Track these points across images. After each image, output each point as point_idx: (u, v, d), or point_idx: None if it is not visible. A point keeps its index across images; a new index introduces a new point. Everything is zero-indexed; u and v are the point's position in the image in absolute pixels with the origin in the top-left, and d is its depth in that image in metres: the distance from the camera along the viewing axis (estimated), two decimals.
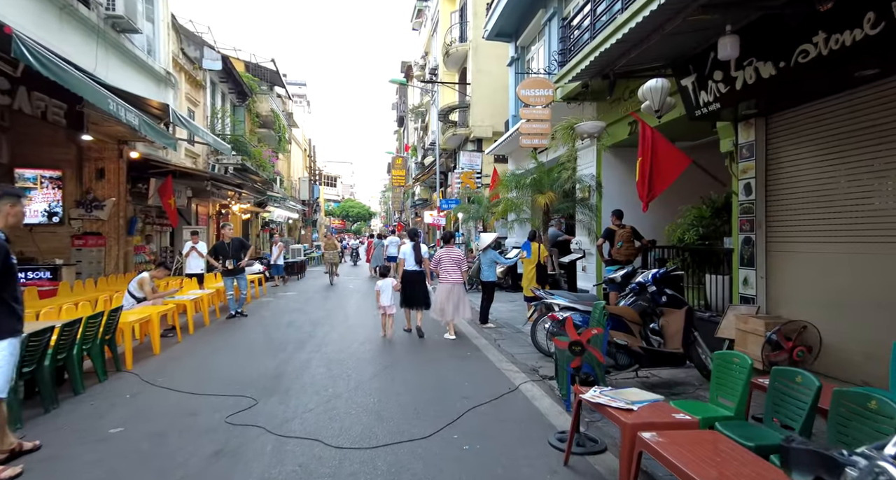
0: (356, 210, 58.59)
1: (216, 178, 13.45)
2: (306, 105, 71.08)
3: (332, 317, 9.24)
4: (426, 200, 27.00)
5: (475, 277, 8.80)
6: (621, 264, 7.89)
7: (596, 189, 9.40)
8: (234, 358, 6.26)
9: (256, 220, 23.66)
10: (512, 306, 10.58)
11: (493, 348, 6.83)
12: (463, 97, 18.63)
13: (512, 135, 12.19)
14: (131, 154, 10.89)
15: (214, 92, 18.41)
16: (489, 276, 8.59)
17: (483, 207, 14.79)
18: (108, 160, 10.79)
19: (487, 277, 8.59)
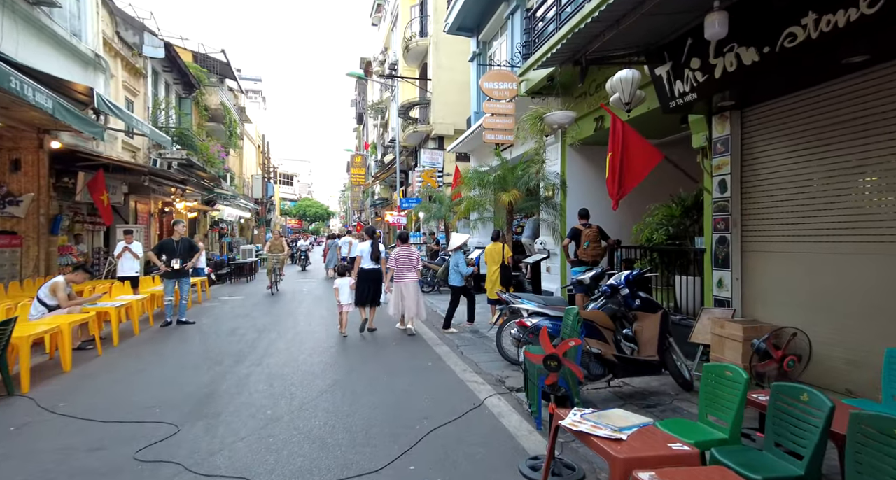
0: (314, 209, 56.96)
1: (156, 173, 12.37)
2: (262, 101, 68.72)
3: (280, 324, 8.49)
4: (387, 199, 26.30)
5: (442, 279, 8.29)
6: (588, 265, 7.57)
7: (560, 187, 9.06)
8: (161, 374, 5.47)
9: (205, 219, 22.31)
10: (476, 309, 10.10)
11: (455, 356, 6.32)
12: (424, 93, 18.08)
13: (475, 132, 11.75)
14: (53, 144, 9.75)
15: (157, 81, 17.13)
16: (456, 280, 8.07)
17: (445, 206, 14.31)
18: (25, 150, 9.63)
19: (454, 281, 8.08)
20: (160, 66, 17.09)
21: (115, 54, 13.87)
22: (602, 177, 9.61)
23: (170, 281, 8.71)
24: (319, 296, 12.35)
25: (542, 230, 9.39)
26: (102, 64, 10.91)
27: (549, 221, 9.20)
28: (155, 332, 7.92)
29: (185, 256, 8.76)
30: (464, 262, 7.97)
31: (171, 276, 8.70)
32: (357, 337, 7.44)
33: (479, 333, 7.68)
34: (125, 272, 9.45)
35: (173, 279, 8.71)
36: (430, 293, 12.69)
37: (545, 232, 9.27)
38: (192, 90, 19.86)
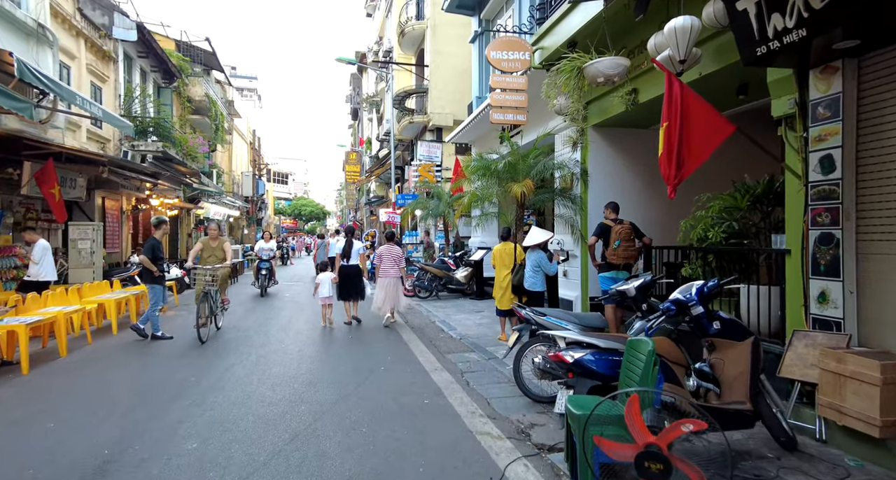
0: (309, 209, 55.37)
1: (119, 165, 10.87)
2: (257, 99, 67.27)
3: (246, 341, 7.02)
4: (382, 197, 24.83)
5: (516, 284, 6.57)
6: (618, 268, 6.14)
7: (581, 177, 7.63)
8: (55, 421, 3.99)
9: (188, 218, 20.81)
10: (479, 319, 8.66)
11: (459, 388, 4.86)
12: (420, 81, 16.64)
13: (478, 116, 10.30)
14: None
15: (131, 67, 15.62)
16: (535, 285, 6.55)
17: (444, 203, 12.85)
18: None
19: (534, 286, 6.55)
20: (134, 50, 15.59)
21: (76, 33, 12.40)
22: (631, 165, 8.21)
23: (160, 287, 7.43)
24: (303, 304, 10.87)
25: (558, 227, 7.94)
26: (48, 36, 9.40)
27: (567, 217, 7.76)
28: (92, 352, 6.43)
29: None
30: (546, 260, 6.52)
31: (159, 281, 7.44)
32: (337, 362, 6.00)
33: (487, 353, 6.23)
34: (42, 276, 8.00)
35: (160, 284, 7.44)
36: (427, 299, 11.25)
37: (562, 229, 7.83)
38: (172, 79, 18.35)
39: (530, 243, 6.47)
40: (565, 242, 7.72)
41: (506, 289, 6.87)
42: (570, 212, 7.74)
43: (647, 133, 7.84)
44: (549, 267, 6.44)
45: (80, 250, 9.94)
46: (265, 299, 10.88)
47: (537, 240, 6.45)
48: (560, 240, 7.41)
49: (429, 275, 11.43)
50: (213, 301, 7.39)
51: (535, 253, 6.50)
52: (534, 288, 6.48)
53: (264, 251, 12.32)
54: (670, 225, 7.27)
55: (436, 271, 11.41)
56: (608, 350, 3.34)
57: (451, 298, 11.33)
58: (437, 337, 7.27)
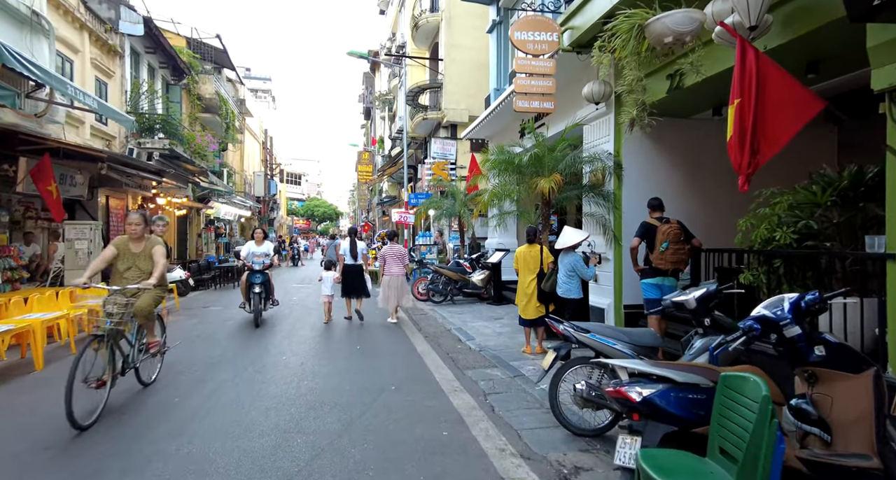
0: (322, 209, 54.99)
1: (119, 161, 10.30)
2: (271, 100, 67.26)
3: (243, 354, 6.32)
4: (394, 197, 24.16)
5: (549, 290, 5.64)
6: (664, 274, 5.34)
7: (614, 171, 6.83)
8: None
9: (198, 217, 20.32)
10: (499, 327, 7.89)
11: (483, 415, 4.11)
12: (434, 76, 15.92)
13: (497, 110, 9.54)
14: None
15: (138, 63, 15.14)
16: (571, 292, 5.79)
17: (459, 202, 12.11)
18: None
19: (568, 293, 5.78)
20: (141, 46, 15.10)
21: (80, 26, 11.90)
22: (668, 159, 7.35)
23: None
24: (311, 308, 10.20)
25: (588, 227, 7.14)
26: (44, 25, 8.84)
27: (598, 216, 6.96)
28: None
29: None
30: (582, 263, 5.75)
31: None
32: (342, 379, 5.28)
33: (512, 369, 5.46)
34: None
35: None
36: (441, 303, 10.50)
37: (592, 229, 7.03)
38: (181, 76, 17.87)
39: (564, 245, 5.68)
40: (596, 244, 6.91)
41: (531, 297, 6.10)
42: (601, 211, 6.95)
43: (686, 124, 7.03)
44: (586, 272, 5.65)
45: (76, 251, 9.37)
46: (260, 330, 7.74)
47: (571, 240, 5.67)
48: (591, 241, 6.61)
49: (443, 279, 10.69)
50: (121, 352, 4.29)
51: (568, 255, 5.72)
52: (569, 296, 5.70)
53: (256, 258, 8.29)
54: (714, 225, 6.46)
55: (451, 274, 10.67)
56: (687, 385, 2.55)
57: (466, 303, 10.58)
58: (454, 348, 6.51)
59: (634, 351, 3.58)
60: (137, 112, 14.22)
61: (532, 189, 6.85)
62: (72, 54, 11.62)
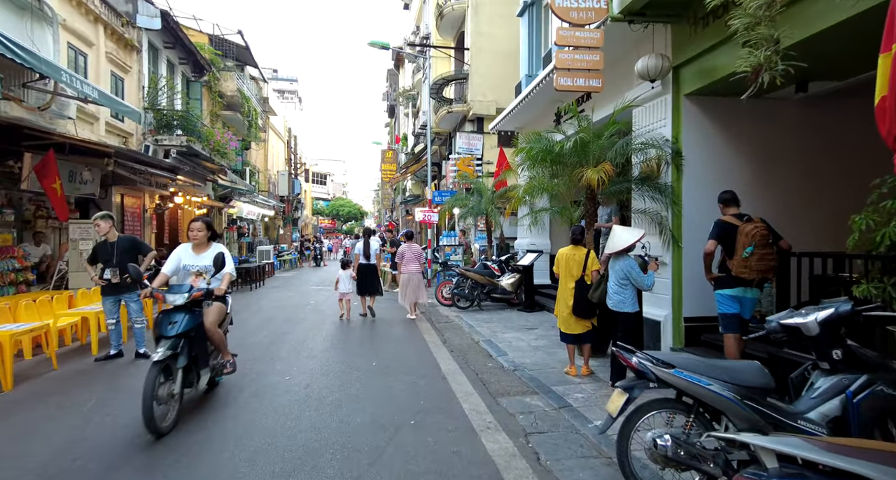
0: (347, 209, 54.71)
1: (128, 157, 9.71)
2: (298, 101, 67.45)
3: (249, 368, 5.53)
4: (418, 196, 23.33)
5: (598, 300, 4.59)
6: (747, 284, 4.29)
7: (672, 160, 5.77)
8: None
9: (219, 217, 19.89)
10: (534, 339, 6.91)
11: (526, 467, 3.16)
12: (460, 67, 15.00)
13: (528, 97, 8.55)
14: None
15: (157, 59, 14.67)
16: (625, 304, 4.73)
17: (486, 199, 11.15)
18: None
19: (621, 305, 4.73)
20: (160, 40, 14.62)
21: (94, 19, 11.41)
22: (737, 146, 6.13)
23: (108, 298, 5.93)
24: (327, 314, 9.40)
25: (640, 226, 6.09)
26: (47, 12, 8.27)
27: (651, 213, 5.91)
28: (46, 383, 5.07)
29: (126, 263, 5.89)
30: (638, 269, 4.69)
31: (108, 292, 5.93)
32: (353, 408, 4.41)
33: (556, 397, 4.49)
34: None
35: (112, 296, 5.93)
36: (467, 309, 9.57)
37: (645, 229, 5.98)
38: (202, 73, 17.41)
39: (616, 248, 4.68)
40: (650, 245, 5.86)
41: (570, 307, 5.12)
42: (656, 207, 5.90)
43: (760, 104, 5.91)
44: (644, 280, 4.63)
45: (81, 251, 8.78)
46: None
47: (624, 241, 4.66)
48: (646, 242, 5.58)
49: (469, 282, 9.75)
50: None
51: (621, 260, 4.71)
52: (621, 309, 4.69)
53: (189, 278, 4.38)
54: (796, 224, 5.37)
55: (477, 277, 9.72)
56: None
57: (495, 309, 9.62)
58: (485, 366, 5.57)
59: (737, 394, 2.58)
60: (155, 108, 13.75)
61: (575, 181, 5.85)
62: (86, 48, 11.14)
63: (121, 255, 5.90)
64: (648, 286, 4.64)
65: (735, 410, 2.54)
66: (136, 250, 6.17)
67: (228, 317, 4.78)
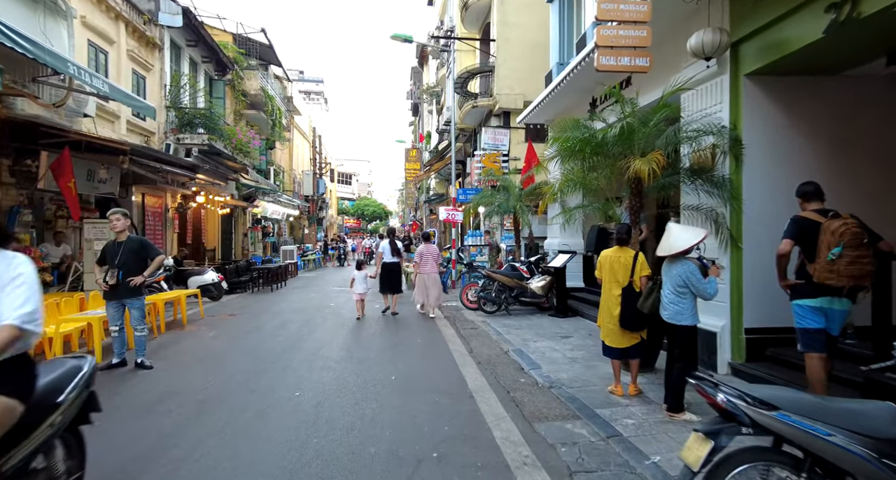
0: (371, 209, 54.62)
1: (144, 154, 9.43)
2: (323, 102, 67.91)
3: (250, 384, 5.06)
4: (442, 195, 22.77)
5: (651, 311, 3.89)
6: (835, 293, 3.56)
7: (730, 149, 5.05)
8: None
9: (244, 216, 19.77)
10: (569, 349, 6.25)
11: None
12: (486, 59, 14.36)
13: (560, 86, 7.87)
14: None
15: (179, 57, 14.51)
16: (683, 316, 3.97)
17: (514, 196, 10.50)
18: None
19: (678, 317, 3.98)
20: (182, 38, 14.46)
21: (115, 16, 11.24)
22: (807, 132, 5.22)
23: (111, 303, 5.49)
24: (347, 318, 8.93)
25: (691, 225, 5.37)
26: (61, 5, 8.01)
27: (705, 209, 5.19)
28: None
29: (129, 265, 5.50)
30: (699, 275, 3.93)
31: (111, 296, 5.47)
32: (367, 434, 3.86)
33: (602, 423, 3.84)
34: None
35: (115, 300, 5.49)
36: (494, 314, 8.96)
37: (703, 227, 5.26)
38: (225, 71, 17.25)
39: (673, 250, 4.00)
40: (705, 246, 5.14)
41: (615, 319, 4.45)
42: (711, 202, 5.18)
43: (835, 83, 5.13)
44: (706, 287, 3.92)
45: (95, 252, 8.53)
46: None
47: (684, 243, 3.97)
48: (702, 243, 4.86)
49: (496, 285, 9.12)
50: None
51: (678, 264, 4.03)
52: (679, 321, 4.00)
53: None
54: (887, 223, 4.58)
55: (505, 280, 9.09)
56: None
57: (524, 313, 8.98)
58: (516, 382, 4.96)
59: (870, 448, 1.91)
60: (177, 107, 13.57)
61: (618, 174, 5.17)
62: (106, 45, 10.97)
63: (125, 256, 5.49)
64: (711, 294, 3.94)
65: (869, 471, 1.88)
66: (144, 253, 5.75)
67: None
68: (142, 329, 5.47)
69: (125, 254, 5.48)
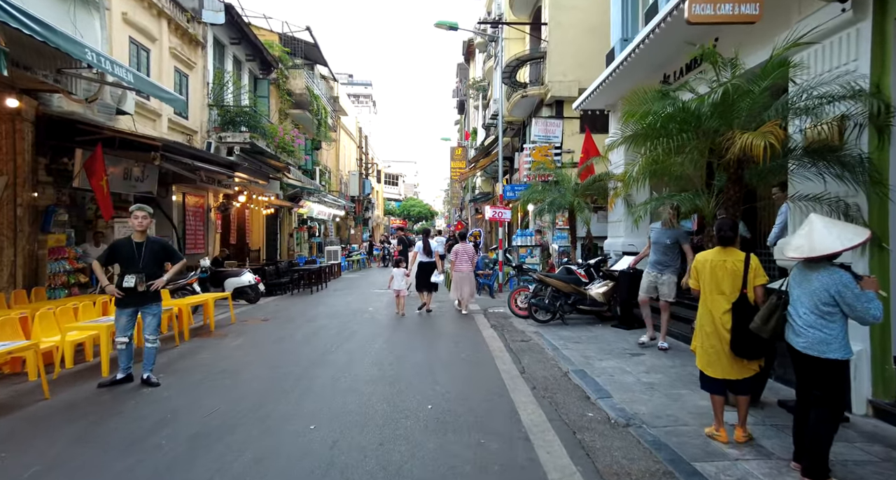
0: (417, 209, 54.31)
1: (177, 151, 9.02)
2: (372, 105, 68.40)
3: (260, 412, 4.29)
4: (488, 194, 21.75)
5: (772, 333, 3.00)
6: None
7: (874, 120, 3.79)
8: None
9: (289, 217, 19.57)
10: (642, 371, 5.12)
11: None
12: (537, 45, 13.26)
13: (626, 63, 6.72)
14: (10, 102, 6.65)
15: (223, 55, 14.33)
16: (830, 346, 2.84)
17: (569, 191, 9.36)
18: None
19: (822, 347, 2.85)
20: (226, 36, 14.25)
21: (157, 13, 11.04)
22: None
23: (124, 311, 4.81)
24: (384, 325, 8.14)
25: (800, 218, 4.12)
26: None
27: (830, 199, 3.95)
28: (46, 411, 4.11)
29: (152, 269, 4.90)
30: (854, 289, 2.77)
31: (127, 303, 4.80)
32: None
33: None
34: None
35: (132, 307, 4.85)
36: (548, 323, 7.89)
37: (848, 223, 3.98)
38: (269, 70, 17.04)
39: (818, 252, 2.85)
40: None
41: (726, 343, 3.33)
42: (840, 190, 3.93)
43: None
44: (867, 307, 2.74)
45: None
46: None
47: (837, 244, 2.82)
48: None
49: (550, 290, 8.05)
50: None
51: (821, 272, 2.87)
52: (822, 353, 2.85)
53: None
54: None
55: (560, 285, 7.99)
56: None
57: (582, 323, 7.86)
58: (583, 417, 3.92)
59: None
60: (220, 105, 13.34)
61: (717, 153, 4.02)
62: (148, 43, 10.76)
63: (148, 260, 4.86)
64: (875, 317, 2.77)
65: None
66: (167, 257, 5.12)
67: None
68: (154, 340, 4.83)
69: (148, 257, 4.86)
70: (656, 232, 6.06)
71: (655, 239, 6.05)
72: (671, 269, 5.99)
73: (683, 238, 6.03)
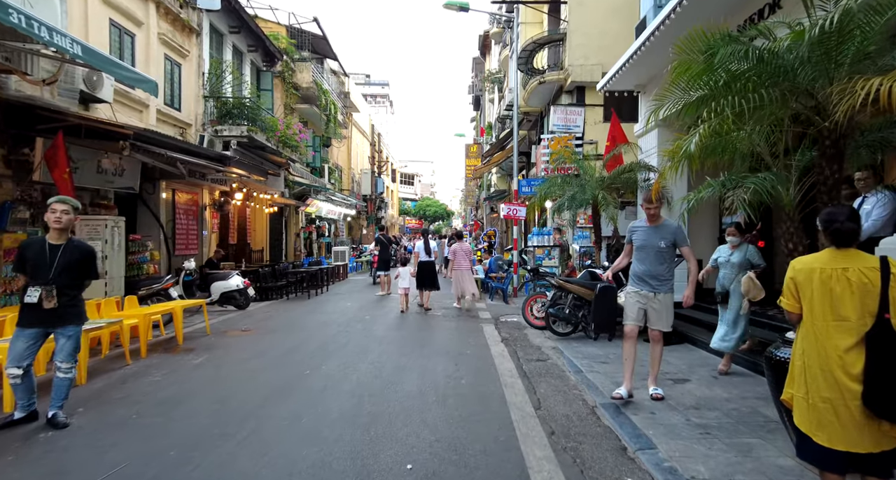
0: (433, 209, 53.31)
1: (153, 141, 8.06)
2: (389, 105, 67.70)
3: (217, 468, 3.22)
4: (504, 192, 20.53)
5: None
6: None
7: None
8: None
9: (295, 216, 18.67)
10: (689, 402, 3.90)
11: None
12: (556, 27, 12.04)
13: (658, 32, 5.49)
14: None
15: (221, 44, 13.44)
16: None
17: (593, 184, 8.14)
18: None
19: None
20: (224, 24, 13.36)
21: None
22: None
23: (26, 333, 3.66)
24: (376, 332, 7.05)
25: None
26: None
27: None
28: None
29: (66, 282, 3.79)
30: None
31: (30, 322, 3.68)
32: None
33: None
34: None
35: (38, 328, 3.70)
36: (568, 336, 6.70)
37: None
38: (273, 62, 16.15)
39: None
40: None
41: (856, 393, 2.13)
42: None
43: None
44: None
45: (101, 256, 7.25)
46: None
47: None
48: None
49: (571, 298, 6.85)
50: None
51: None
52: None
53: None
54: None
55: (583, 292, 6.77)
56: None
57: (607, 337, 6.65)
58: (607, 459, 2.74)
59: None
60: (215, 96, 12.45)
61: (801, 118, 2.81)
62: (133, 27, 9.88)
63: (62, 269, 3.70)
64: None
65: None
66: (84, 270, 3.90)
67: None
68: (68, 368, 3.73)
69: (62, 266, 3.71)
70: (642, 231, 4.26)
71: (642, 242, 4.23)
72: (668, 285, 4.22)
73: (683, 238, 4.25)
